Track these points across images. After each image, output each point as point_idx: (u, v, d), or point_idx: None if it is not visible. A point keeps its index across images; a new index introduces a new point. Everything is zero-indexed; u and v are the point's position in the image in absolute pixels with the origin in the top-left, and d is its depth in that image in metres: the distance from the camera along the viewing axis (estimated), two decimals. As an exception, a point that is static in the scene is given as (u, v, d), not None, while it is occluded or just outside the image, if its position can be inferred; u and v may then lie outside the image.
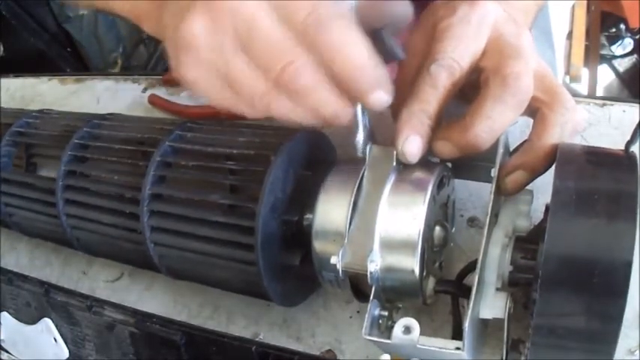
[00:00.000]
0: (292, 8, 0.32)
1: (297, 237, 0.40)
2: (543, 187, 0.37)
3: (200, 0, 0.33)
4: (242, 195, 0.41)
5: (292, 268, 0.41)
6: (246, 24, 0.33)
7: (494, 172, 0.37)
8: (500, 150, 0.37)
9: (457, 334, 0.38)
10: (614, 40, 1.76)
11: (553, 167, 0.35)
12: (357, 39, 0.33)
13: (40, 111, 0.58)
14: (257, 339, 0.48)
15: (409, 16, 0.35)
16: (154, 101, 0.66)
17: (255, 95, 0.34)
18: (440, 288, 0.38)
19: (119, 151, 0.48)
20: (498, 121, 0.36)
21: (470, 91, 0.37)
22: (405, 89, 0.39)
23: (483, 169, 0.39)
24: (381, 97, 0.34)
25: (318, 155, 0.43)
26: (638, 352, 0.40)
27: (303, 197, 0.40)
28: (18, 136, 0.55)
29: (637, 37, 1.73)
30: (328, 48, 0.32)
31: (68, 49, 1.52)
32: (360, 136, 0.38)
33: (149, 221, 0.43)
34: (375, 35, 0.35)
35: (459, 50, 0.37)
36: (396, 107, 0.38)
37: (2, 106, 0.67)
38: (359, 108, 0.36)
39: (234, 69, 0.34)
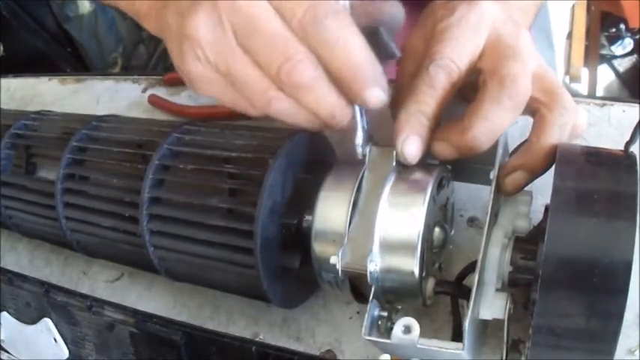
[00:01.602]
0: (290, 6, 0.33)
1: (297, 239, 0.40)
2: (543, 188, 0.37)
3: (186, 32, 0.34)
4: (241, 199, 0.41)
5: (292, 271, 0.41)
6: (246, 22, 0.33)
7: (493, 174, 0.37)
8: (500, 151, 0.37)
9: (457, 335, 0.38)
10: (614, 40, 1.76)
11: (553, 168, 0.35)
12: (353, 36, 0.33)
13: (39, 112, 0.58)
14: (257, 339, 0.48)
15: (402, 18, 0.36)
16: (153, 101, 0.66)
17: (256, 93, 0.35)
18: (439, 289, 0.38)
19: (118, 153, 0.48)
20: (496, 123, 0.36)
21: (469, 91, 0.37)
22: (403, 89, 0.39)
23: (483, 172, 0.39)
24: (378, 94, 0.35)
25: (317, 157, 0.43)
26: (638, 352, 0.39)
27: (303, 199, 0.40)
28: (17, 138, 0.55)
29: (637, 37, 1.73)
30: (325, 45, 0.33)
31: (68, 49, 1.52)
32: (360, 137, 0.38)
33: (148, 225, 0.43)
34: (371, 34, 0.35)
35: (457, 51, 0.37)
36: (396, 107, 0.38)
37: (2, 106, 0.67)
38: (357, 109, 0.37)
39: (236, 66, 0.34)
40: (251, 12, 0.33)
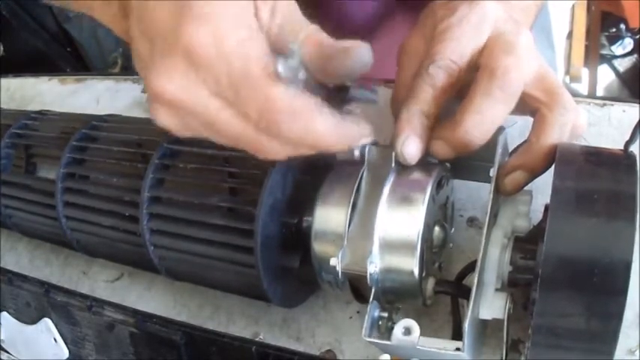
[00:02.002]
0: (245, 109, 0.30)
1: (297, 239, 0.40)
2: (542, 187, 0.37)
3: (155, 95, 0.31)
4: (241, 198, 0.41)
5: (292, 270, 0.41)
6: (209, 121, 0.31)
7: (493, 172, 0.37)
8: (499, 150, 0.37)
9: (457, 335, 0.38)
10: (614, 40, 1.76)
11: (552, 167, 0.35)
12: (316, 119, 0.31)
13: (39, 112, 0.58)
14: (257, 339, 0.48)
15: (370, 61, 0.32)
16: (153, 101, 0.66)
17: (244, 144, 0.33)
18: (439, 289, 0.38)
19: (118, 153, 0.48)
20: (487, 116, 0.35)
21: (469, 90, 0.37)
22: (403, 89, 0.39)
23: (482, 170, 0.39)
24: (363, 142, 0.33)
25: (317, 156, 0.43)
26: (638, 352, 0.39)
27: (303, 199, 0.40)
28: (17, 137, 0.55)
29: (637, 37, 1.73)
30: (292, 137, 0.31)
31: (68, 49, 1.52)
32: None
33: (148, 224, 0.43)
34: (340, 90, 0.33)
35: (457, 52, 0.36)
36: (396, 107, 0.38)
37: (2, 106, 0.67)
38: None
39: (215, 121, 0.32)
40: (207, 114, 0.31)
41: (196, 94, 0.31)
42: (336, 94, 0.33)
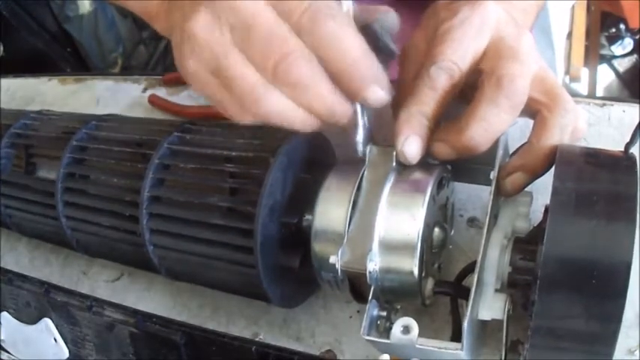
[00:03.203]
0: (289, 6, 0.33)
1: (297, 239, 0.40)
2: (543, 188, 0.37)
3: (186, 32, 0.35)
4: (241, 198, 0.41)
5: (292, 270, 0.41)
6: (245, 21, 0.33)
7: (493, 174, 0.37)
8: (500, 151, 0.37)
9: (456, 335, 0.38)
10: (614, 40, 1.76)
11: (552, 169, 0.35)
12: (351, 35, 0.33)
13: (39, 112, 0.58)
14: (257, 339, 0.48)
15: (397, 24, 0.36)
16: (153, 101, 0.66)
17: (247, 92, 0.34)
18: (439, 289, 0.38)
19: (118, 153, 0.48)
20: (493, 124, 0.36)
21: (470, 92, 0.37)
22: (405, 90, 0.39)
23: (483, 172, 0.39)
24: (378, 92, 0.34)
25: (317, 156, 0.43)
26: (638, 352, 0.40)
27: (303, 199, 0.40)
28: (17, 137, 0.55)
29: (637, 37, 1.73)
30: (324, 43, 0.33)
31: (68, 49, 1.52)
32: (360, 135, 0.38)
33: (148, 224, 0.43)
34: (369, 32, 0.35)
35: (459, 53, 0.36)
36: (397, 108, 0.38)
37: (2, 106, 0.67)
38: (359, 107, 0.36)
39: (229, 64, 0.34)
40: (249, 11, 0.33)
41: (218, 38, 0.34)
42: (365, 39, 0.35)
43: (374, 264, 0.36)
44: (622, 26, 1.72)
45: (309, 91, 0.34)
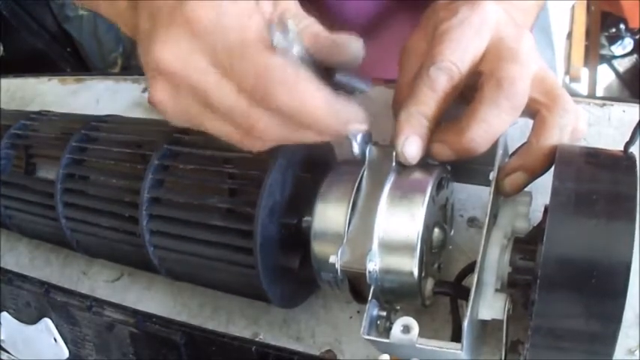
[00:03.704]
0: (240, 78, 0.31)
1: (296, 239, 0.40)
2: (542, 188, 0.37)
3: (153, 67, 0.32)
4: (240, 199, 0.41)
5: (291, 271, 0.41)
6: (203, 93, 0.32)
7: (492, 175, 0.37)
8: (500, 152, 0.37)
9: (456, 335, 0.38)
10: (614, 40, 1.76)
11: (552, 169, 0.35)
12: (310, 91, 0.31)
13: (38, 112, 0.58)
14: (257, 339, 0.48)
15: (361, 55, 0.33)
16: (153, 101, 0.66)
17: (239, 122, 0.33)
18: (438, 289, 0.38)
19: (117, 154, 0.48)
20: (494, 125, 0.36)
21: (470, 93, 0.37)
22: (404, 90, 0.39)
23: (482, 173, 0.39)
24: (356, 127, 0.34)
25: (316, 156, 0.43)
26: (638, 352, 0.40)
27: (302, 199, 0.40)
28: (16, 138, 0.55)
29: (637, 37, 1.73)
30: (285, 108, 0.31)
31: (68, 49, 1.52)
32: (356, 145, 0.37)
33: (148, 225, 0.43)
34: (334, 83, 0.33)
35: (458, 53, 0.36)
36: (397, 108, 0.38)
37: (2, 106, 0.67)
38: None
39: (203, 124, 0.34)
40: (202, 87, 0.32)
41: (194, 63, 0.32)
42: (325, 75, 0.33)
43: (374, 264, 0.36)
44: (622, 26, 1.72)
45: (291, 138, 0.33)
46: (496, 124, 0.36)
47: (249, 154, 0.41)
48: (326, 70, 0.33)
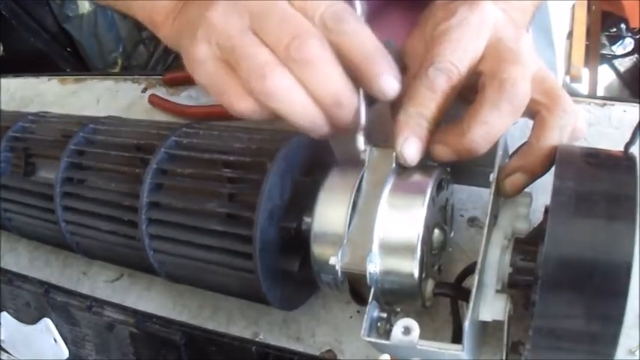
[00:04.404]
0: (311, 3, 0.35)
1: (296, 242, 0.40)
2: (543, 188, 0.37)
3: (202, 25, 0.36)
4: (239, 203, 0.41)
5: (291, 274, 0.41)
6: (263, 7, 0.35)
7: (493, 176, 0.37)
8: (500, 152, 0.37)
9: (457, 337, 0.38)
10: (614, 39, 1.76)
11: (552, 169, 0.35)
12: (369, 32, 0.35)
13: (36, 114, 0.58)
14: (257, 339, 0.48)
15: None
16: (153, 101, 0.66)
17: (253, 68, 0.35)
18: (439, 291, 0.38)
19: (116, 157, 0.47)
20: (495, 126, 0.35)
21: (469, 93, 0.37)
22: (404, 91, 0.39)
23: (482, 174, 0.39)
24: (393, 81, 0.36)
25: (315, 158, 0.43)
26: (638, 352, 0.39)
27: (302, 202, 0.40)
28: (15, 141, 0.54)
29: (637, 36, 1.73)
30: (346, 38, 0.35)
31: (68, 49, 1.52)
32: (361, 134, 0.37)
33: (147, 229, 0.43)
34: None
35: (457, 54, 0.36)
36: (396, 109, 0.38)
37: (2, 107, 0.67)
38: (362, 104, 0.36)
39: (242, 44, 0.36)
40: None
41: (235, 23, 0.36)
42: None
43: (374, 265, 0.36)
44: (623, 26, 1.72)
45: (319, 71, 0.35)
46: (497, 126, 0.35)
47: (247, 158, 0.41)
48: None
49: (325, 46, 0.35)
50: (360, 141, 0.38)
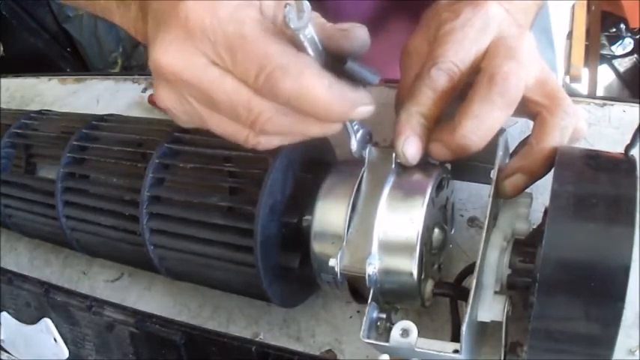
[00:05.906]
0: (242, 69, 0.32)
1: (297, 238, 0.40)
2: (542, 188, 0.37)
3: (156, 71, 0.33)
4: (241, 197, 0.41)
5: (292, 270, 0.41)
6: (206, 92, 0.33)
7: (493, 174, 0.37)
8: (500, 152, 0.37)
9: (456, 337, 0.38)
10: (614, 39, 1.76)
11: (552, 170, 0.35)
12: (312, 82, 0.31)
13: (39, 112, 0.58)
14: (257, 339, 0.48)
15: (368, 43, 0.34)
16: (154, 101, 0.66)
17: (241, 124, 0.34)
18: (438, 291, 0.38)
19: (118, 152, 0.48)
20: (486, 121, 0.35)
21: (469, 91, 0.37)
22: (405, 90, 0.39)
23: (483, 171, 0.39)
24: (362, 111, 0.33)
25: (317, 156, 0.43)
26: (638, 352, 0.39)
27: (303, 199, 0.40)
28: (16, 137, 0.55)
29: (637, 36, 1.73)
30: (289, 101, 0.32)
31: (68, 49, 1.52)
32: (354, 142, 0.37)
33: (148, 223, 0.43)
34: (343, 71, 0.33)
35: (460, 55, 0.36)
36: (398, 108, 0.38)
37: (2, 106, 0.67)
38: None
39: (210, 124, 0.35)
40: (206, 85, 0.33)
41: (194, 63, 0.32)
42: (335, 64, 0.33)
43: (373, 267, 0.36)
44: (622, 26, 1.72)
45: (291, 132, 0.34)
46: (488, 120, 0.35)
47: (249, 153, 0.41)
48: (336, 59, 0.33)
49: (285, 113, 0.33)
50: (353, 142, 0.37)
